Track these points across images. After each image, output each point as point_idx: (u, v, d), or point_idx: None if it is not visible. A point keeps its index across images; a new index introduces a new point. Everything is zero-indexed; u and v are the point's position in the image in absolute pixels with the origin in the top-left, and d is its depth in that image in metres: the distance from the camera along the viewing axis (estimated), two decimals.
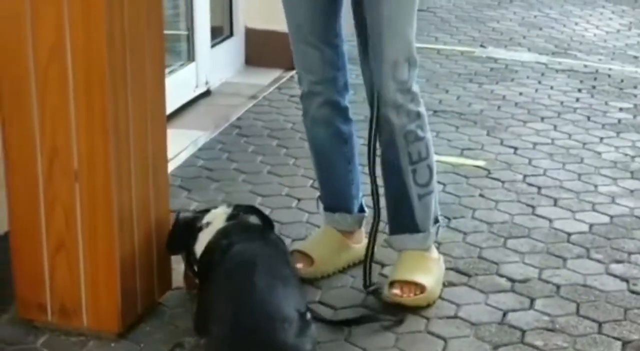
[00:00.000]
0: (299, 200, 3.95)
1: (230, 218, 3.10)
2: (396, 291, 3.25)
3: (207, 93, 5.03)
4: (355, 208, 3.52)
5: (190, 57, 4.96)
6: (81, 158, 2.87)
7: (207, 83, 5.03)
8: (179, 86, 4.78)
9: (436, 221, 3.39)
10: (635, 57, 5.99)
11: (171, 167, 4.07)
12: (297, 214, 3.82)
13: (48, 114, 2.87)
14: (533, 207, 3.98)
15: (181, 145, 4.38)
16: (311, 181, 4.07)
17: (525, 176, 4.24)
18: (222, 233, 3.01)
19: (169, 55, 4.89)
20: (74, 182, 2.89)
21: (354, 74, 3.40)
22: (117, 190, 2.90)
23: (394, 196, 3.36)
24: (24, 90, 2.86)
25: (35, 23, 2.79)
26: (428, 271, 3.33)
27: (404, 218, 3.34)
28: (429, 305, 3.26)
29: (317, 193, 3.59)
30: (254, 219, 3.17)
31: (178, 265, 3.21)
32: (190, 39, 4.95)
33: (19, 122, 2.91)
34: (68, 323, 3.01)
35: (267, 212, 3.63)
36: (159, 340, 2.99)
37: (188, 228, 3.15)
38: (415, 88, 3.21)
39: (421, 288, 3.25)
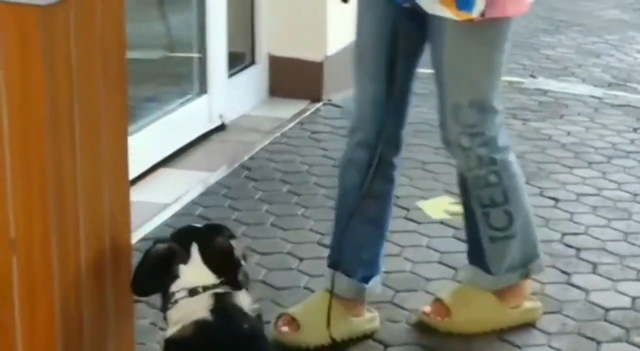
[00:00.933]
0: (301, 260, 3.64)
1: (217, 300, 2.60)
2: (427, 308, 3.32)
3: (221, 128, 4.75)
4: (359, 275, 3.24)
5: (203, 88, 4.69)
6: (21, 229, 2.61)
7: (221, 116, 4.75)
8: (188, 120, 4.61)
9: (522, 266, 3.29)
10: None
11: (166, 215, 3.95)
12: (296, 277, 3.51)
13: None
14: (569, 274, 3.61)
15: (182, 189, 4.16)
16: (319, 237, 3.80)
17: (563, 235, 3.88)
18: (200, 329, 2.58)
19: (180, 83, 4.73)
20: (11, 255, 2.62)
21: None
22: (64, 266, 2.65)
23: (468, 231, 3.37)
24: None
25: None
26: (472, 305, 3.32)
27: (476, 255, 3.32)
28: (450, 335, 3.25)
29: (326, 252, 3.34)
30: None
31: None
32: (203, 67, 4.68)
33: None
34: None
35: (262, 272, 3.48)
36: None
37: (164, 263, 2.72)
38: (492, 133, 3.15)
39: (447, 312, 3.29)
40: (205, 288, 2.54)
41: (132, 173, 3.98)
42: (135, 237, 3.66)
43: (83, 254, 2.69)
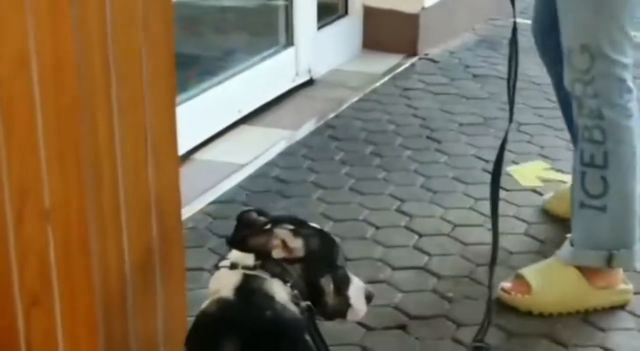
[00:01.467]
0: (377, 228, 3.49)
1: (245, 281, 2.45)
2: (507, 284, 3.24)
3: (309, 83, 4.69)
4: None
5: (290, 40, 4.62)
6: (53, 197, 2.54)
7: (309, 71, 4.69)
8: (273, 74, 4.56)
9: (607, 249, 3.17)
10: None
11: (242, 176, 3.87)
12: (370, 247, 3.37)
13: (16, 146, 2.53)
14: None
15: (260, 148, 4.12)
16: (398, 203, 3.68)
17: None
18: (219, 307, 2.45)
19: (265, 34, 4.66)
20: (46, 225, 2.56)
21: None
22: (97, 234, 2.57)
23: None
24: None
25: None
26: (555, 282, 3.26)
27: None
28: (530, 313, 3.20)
29: (403, 220, 3.42)
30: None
31: None
32: (289, 18, 4.62)
33: None
34: None
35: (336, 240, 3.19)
36: None
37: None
38: (606, 84, 3.10)
39: (528, 289, 3.24)
40: (244, 268, 2.40)
41: (211, 131, 4.03)
42: (206, 199, 3.64)
43: (125, 228, 2.61)
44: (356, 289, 2.45)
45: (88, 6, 2.39)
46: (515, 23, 3.17)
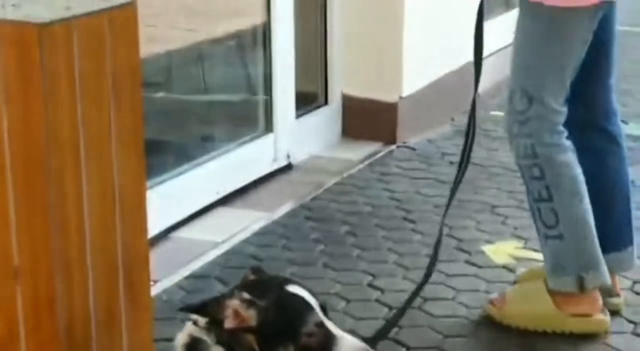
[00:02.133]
0: (348, 301, 3.50)
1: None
2: (493, 297, 3.47)
3: (288, 168, 4.72)
4: None
5: (269, 127, 4.67)
6: (22, 257, 2.56)
7: (288, 156, 4.72)
8: (251, 159, 4.58)
9: (574, 274, 3.30)
10: None
11: (217, 252, 3.88)
12: (340, 319, 3.31)
13: None
14: (636, 323, 3.41)
15: (237, 227, 4.12)
16: (370, 278, 3.69)
17: (634, 282, 3.66)
18: None
19: (243, 123, 4.70)
20: (14, 284, 2.57)
21: None
22: (67, 295, 2.59)
23: None
24: None
25: None
26: (528, 297, 3.43)
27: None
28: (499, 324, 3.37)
29: (375, 294, 3.48)
30: None
31: None
32: (268, 107, 4.68)
33: None
34: None
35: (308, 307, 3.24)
36: None
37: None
38: (540, 125, 3.25)
39: (502, 300, 3.43)
40: (193, 330, 2.38)
41: (190, 210, 4.06)
42: (182, 274, 3.64)
43: (92, 288, 2.60)
44: (345, 349, 2.36)
45: (59, 69, 2.44)
46: (475, 93, 3.40)
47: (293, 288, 2.36)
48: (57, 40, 2.40)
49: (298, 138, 4.72)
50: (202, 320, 2.32)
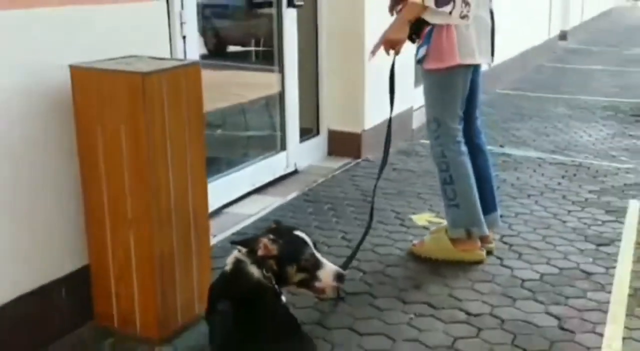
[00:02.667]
0: (329, 246, 3.51)
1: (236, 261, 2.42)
2: (415, 240, 3.53)
3: (295, 172, 4.66)
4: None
5: (283, 147, 4.62)
6: (133, 212, 2.60)
7: (295, 165, 4.67)
8: (272, 166, 4.49)
9: (464, 227, 3.32)
10: (612, 156, 5.30)
11: (250, 221, 3.84)
12: (324, 255, 3.11)
13: (112, 182, 2.61)
14: (501, 258, 3.43)
15: (264, 206, 4.07)
16: (342, 234, 3.68)
17: (502, 236, 3.67)
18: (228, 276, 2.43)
19: (269, 146, 4.61)
20: (129, 228, 2.60)
21: None
22: (159, 235, 2.63)
23: None
24: (94, 160, 2.61)
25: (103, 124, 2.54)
26: (437, 241, 3.41)
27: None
28: (420, 258, 3.39)
29: (344, 243, 3.45)
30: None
31: None
32: (283, 134, 4.62)
33: (90, 186, 2.68)
34: (127, 330, 2.73)
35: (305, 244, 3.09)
36: (191, 346, 2.67)
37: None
38: (446, 139, 3.26)
39: (421, 243, 3.46)
40: (238, 256, 2.38)
41: (235, 195, 4.07)
42: (231, 231, 3.62)
43: (174, 229, 2.66)
44: (325, 271, 2.38)
45: (154, 111, 2.50)
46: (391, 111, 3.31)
47: (298, 233, 2.43)
48: (153, 84, 2.48)
49: (301, 155, 4.69)
50: (243, 250, 2.36)
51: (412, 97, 5.53)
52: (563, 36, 11.71)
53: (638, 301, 2.98)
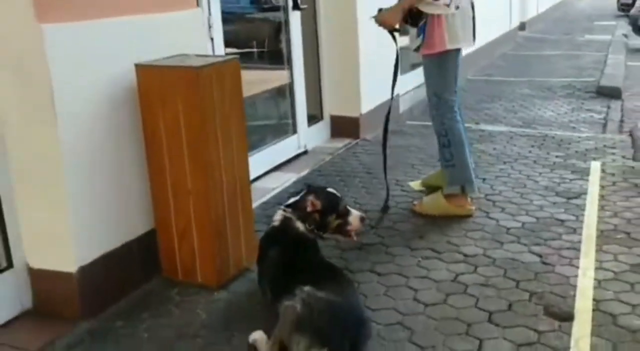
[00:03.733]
0: None
1: (284, 218, 2.69)
2: (416, 202, 3.72)
3: (305, 153, 4.86)
4: None
5: (295, 131, 4.82)
6: (192, 184, 2.80)
7: (305, 146, 4.87)
8: (286, 147, 4.69)
9: (459, 184, 3.52)
10: (573, 127, 5.57)
11: (273, 194, 4.02)
12: None
13: (173, 159, 2.80)
14: (488, 212, 3.68)
15: (283, 181, 4.28)
16: (352, 199, 3.86)
17: (486, 195, 3.93)
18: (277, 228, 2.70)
19: (283, 130, 4.79)
20: (189, 197, 2.81)
21: None
22: (214, 202, 2.84)
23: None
24: (158, 142, 2.81)
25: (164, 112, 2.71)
26: (433, 200, 3.61)
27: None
28: (421, 215, 3.60)
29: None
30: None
31: None
32: (294, 121, 4.82)
33: (155, 163, 2.86)
34: (189, 280, 2.95)
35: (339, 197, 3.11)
36: (243, 292, 2.90)
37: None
38: (444, 109, 3.48)
39: (420, 203, 3.66)
40: (284, 211, 2.68)
41: (259, 172, 4.22)
42: (259, 202, 3.77)
43: (225, 198, 2.87)
44: (353, 216, 2.72)
45: (207, 97, 2.71)
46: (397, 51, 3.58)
47: (330, 190, 2.73)
48: (205, 76, 2.67)
49: (309, 137, 4.88)
50: (289, 210, 2.66)
51: (399, 85, 5.79)
52: (522, 27, 11.96)
53: (605, 240, 3.25)
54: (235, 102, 2.89)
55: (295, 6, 4.60)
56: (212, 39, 3.78)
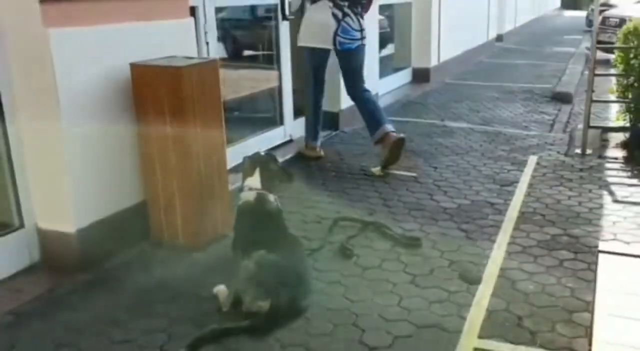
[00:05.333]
0: (311, 189, 3.82)
1: (258, 195, 2.68)
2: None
3: (290, 141, 4.92)
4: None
5: (281, 122, 4.89)
6: (175, 164, 2.90)
7: (290, 136, 4.94)
8: (274, 137, 4.76)
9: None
10: (525, 126, 5.63)
11: None
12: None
13: (159, 142, 2.89)
14: (432, 195, 3.78)
15: None
16: (322, 180, 3.96)
17: (434, 180, 4.04)
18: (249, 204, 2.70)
19: (272, 122, 4.83)
20: (173, 174, 2.93)
21: None
22: (193, 179, 2.92)
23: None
24: (147, 127, 2.91)
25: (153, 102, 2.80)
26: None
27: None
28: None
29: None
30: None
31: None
32: (281, 115, 4.88)
33: (145, 145, 2.97)
34: (173, 243, 3.04)
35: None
36: (217, 253, 2.98)
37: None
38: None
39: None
40: (255, 189, 2.66)
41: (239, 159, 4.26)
42: None
43: (204, 173, 2.94)
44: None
45: (188, 92, 2.82)
46: None
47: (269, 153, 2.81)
48: (188, 75, 2.76)
49: (294, 128, 4.90)
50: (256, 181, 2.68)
51: (377, 85, 5.89)
52: (499, 38, 11.96)
53: (523, 221, 3.35)
54: (213, 95, 2.98)
55: (284, 17, 4.70)
56: (207, 43, 3.89)
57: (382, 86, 6.70)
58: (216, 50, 3.99)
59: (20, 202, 2.79)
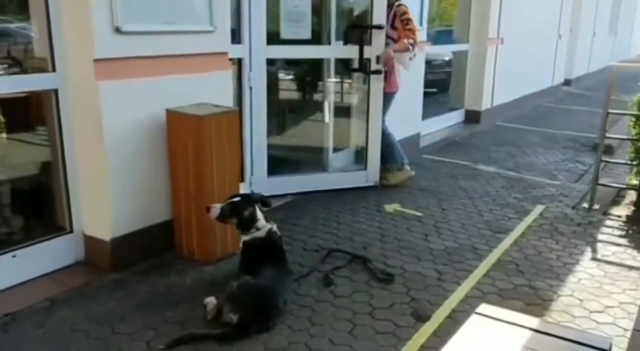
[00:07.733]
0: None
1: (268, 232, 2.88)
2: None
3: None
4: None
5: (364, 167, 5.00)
6: (194, 192, 3.17)
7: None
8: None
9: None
10: (553, 175, 5.47)
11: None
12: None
13: (183, 175, 3.15)
14: (427, 235, 3.84)
15: None
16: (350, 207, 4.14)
17: (436, 221, 4.08)
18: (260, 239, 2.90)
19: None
20: (192, 201, 3.19)
21: None
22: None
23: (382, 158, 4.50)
24: (175, 162, 3.20)
25: (180, 143, 3.07)
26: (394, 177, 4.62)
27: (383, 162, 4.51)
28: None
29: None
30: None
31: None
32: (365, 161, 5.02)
33: (173, 176, 3.26)
34: (190, 257, 3.29)
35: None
36: (224, 269, 3.20)
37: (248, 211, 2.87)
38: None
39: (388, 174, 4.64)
40: (263, 226, 2.87)
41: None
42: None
43: (217, 199, 3.12)
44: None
45: (209, 137, 3.07)
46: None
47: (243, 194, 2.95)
48: (207, 123, 3.02)
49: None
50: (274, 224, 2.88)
51: (420, 126, 5.99)
52: (567, 82, 11.58)
53: (496, 268, 3.36)
54: (232, 140, 3.23)
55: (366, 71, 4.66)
56: (250, 88, 4.21)
57: (436, 124, 6.82)
58: (261, 96, 4.19)
59: (72, 212, 3.25)
